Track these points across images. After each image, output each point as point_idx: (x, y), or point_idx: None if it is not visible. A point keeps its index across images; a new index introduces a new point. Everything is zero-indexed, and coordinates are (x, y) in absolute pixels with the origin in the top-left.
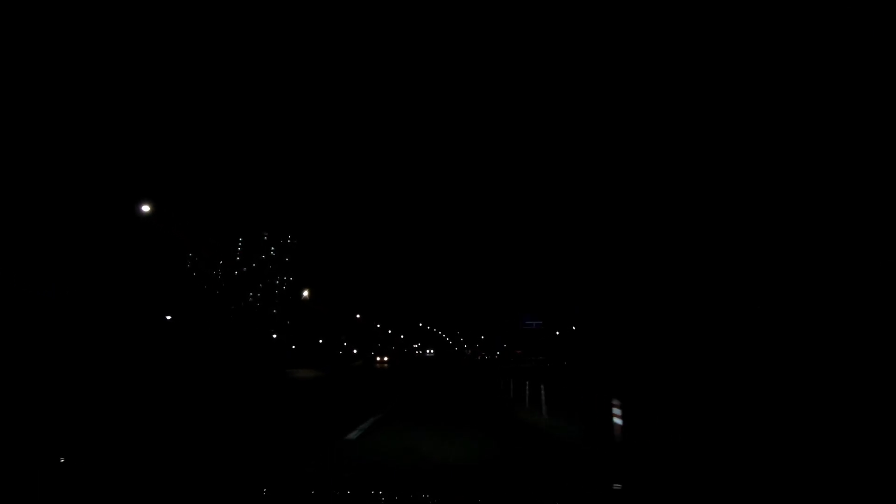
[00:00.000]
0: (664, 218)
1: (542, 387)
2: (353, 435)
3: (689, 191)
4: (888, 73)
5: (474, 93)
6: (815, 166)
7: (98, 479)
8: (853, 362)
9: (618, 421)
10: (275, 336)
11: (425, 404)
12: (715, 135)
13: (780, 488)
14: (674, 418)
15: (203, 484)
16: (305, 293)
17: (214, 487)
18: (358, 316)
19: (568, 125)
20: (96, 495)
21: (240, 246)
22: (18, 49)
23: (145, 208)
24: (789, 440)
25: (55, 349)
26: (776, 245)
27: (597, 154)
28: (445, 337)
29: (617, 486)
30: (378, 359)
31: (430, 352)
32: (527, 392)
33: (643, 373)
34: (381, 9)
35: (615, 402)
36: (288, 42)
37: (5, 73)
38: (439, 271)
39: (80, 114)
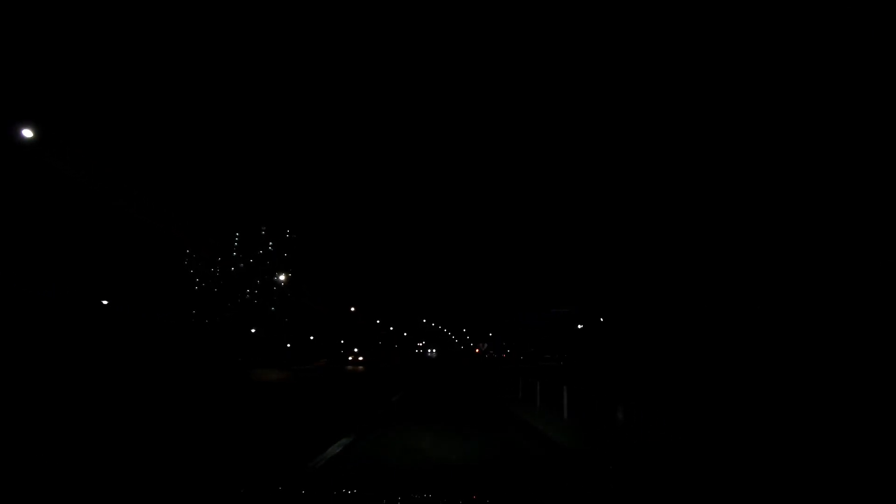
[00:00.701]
0: (672, 215)
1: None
2: None
3: (694, 191)
4: (888, 73)
5: (477, 84)
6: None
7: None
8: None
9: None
10: (253, 331)
11: None
12: (724, 134)
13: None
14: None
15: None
16: (282, 277)
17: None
18: (353, 309)
19: (574, 123)
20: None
21: (237, 241)
22: (20, 48)
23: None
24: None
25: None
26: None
27: (602, 148)
28: (451, 335)
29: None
30: (350, 358)
31: (432, 351)
32: (565, 401)
33: (649, 371)
34: (381, 5)
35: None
36: (285, 36)
37: (7, 72)
38: (443, 266)
39: (76, 112)
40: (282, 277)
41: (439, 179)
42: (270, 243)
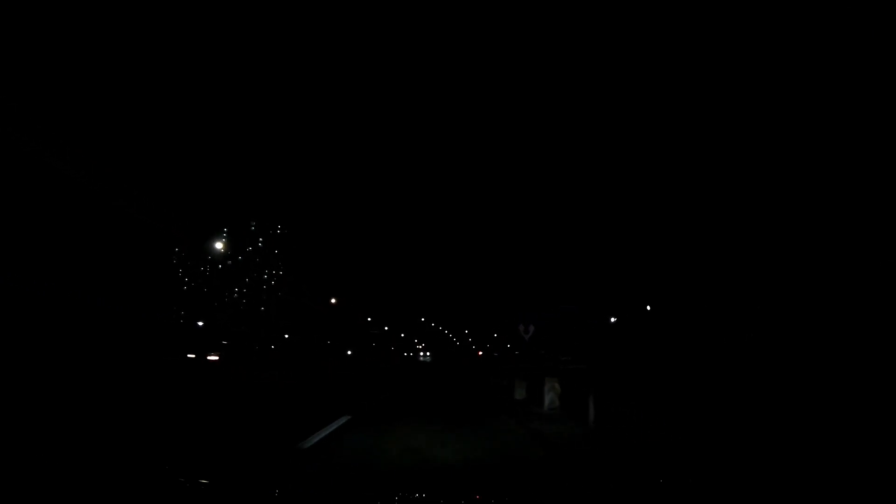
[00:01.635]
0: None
1: None
2: None
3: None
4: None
5: (478, 75)
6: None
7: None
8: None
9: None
10: (200, 324)
11: None
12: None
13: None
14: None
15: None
16: (218, 245)
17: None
18: (333, 301)
19: (572, 123)
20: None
21: (224, 237)
22: (17, 46)
23: None
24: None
25: None
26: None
27: (604, 140)
28: (452, 336)
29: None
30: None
31: (425, 355)
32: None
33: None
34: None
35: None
36: (278, 30)
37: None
38: (443, 264)
39: (61, 107)
40: (218, 246)
41: (438, 174)
42: (260, 239)
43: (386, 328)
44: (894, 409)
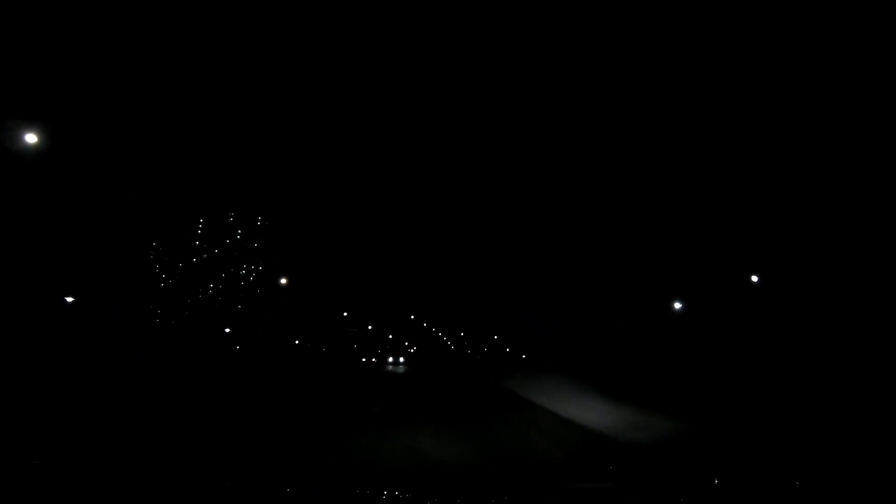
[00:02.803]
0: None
1: None
2: None
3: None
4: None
5: (476, 67)
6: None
7: None
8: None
9: None
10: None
11: None
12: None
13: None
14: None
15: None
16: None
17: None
18: (283, 281)
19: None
20: None
21: (200, 228)
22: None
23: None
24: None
25: None
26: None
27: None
28: (444, 337)
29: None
30: None
31: (395, 361)
32: None
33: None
34: None
35: None
36: (258, 22)
37: None
38: (438, 261)
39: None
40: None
41: (433, 165)
42: (239, 231)
43: (370, 327)
44: None
